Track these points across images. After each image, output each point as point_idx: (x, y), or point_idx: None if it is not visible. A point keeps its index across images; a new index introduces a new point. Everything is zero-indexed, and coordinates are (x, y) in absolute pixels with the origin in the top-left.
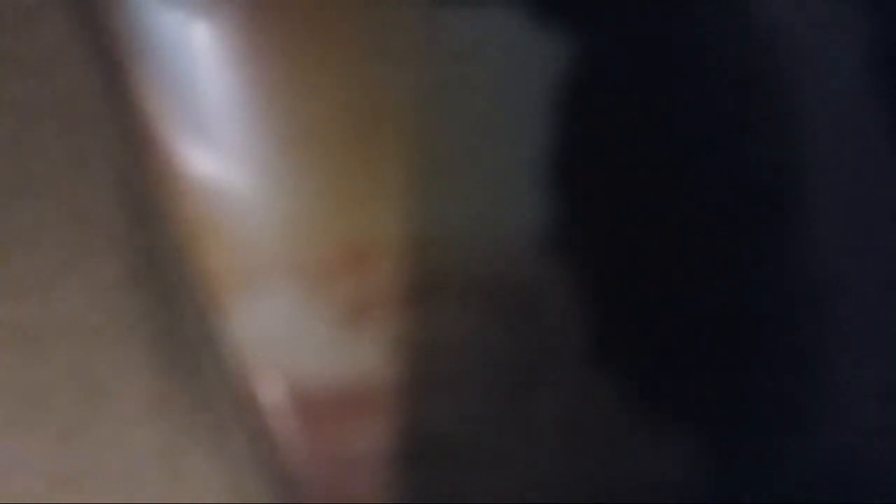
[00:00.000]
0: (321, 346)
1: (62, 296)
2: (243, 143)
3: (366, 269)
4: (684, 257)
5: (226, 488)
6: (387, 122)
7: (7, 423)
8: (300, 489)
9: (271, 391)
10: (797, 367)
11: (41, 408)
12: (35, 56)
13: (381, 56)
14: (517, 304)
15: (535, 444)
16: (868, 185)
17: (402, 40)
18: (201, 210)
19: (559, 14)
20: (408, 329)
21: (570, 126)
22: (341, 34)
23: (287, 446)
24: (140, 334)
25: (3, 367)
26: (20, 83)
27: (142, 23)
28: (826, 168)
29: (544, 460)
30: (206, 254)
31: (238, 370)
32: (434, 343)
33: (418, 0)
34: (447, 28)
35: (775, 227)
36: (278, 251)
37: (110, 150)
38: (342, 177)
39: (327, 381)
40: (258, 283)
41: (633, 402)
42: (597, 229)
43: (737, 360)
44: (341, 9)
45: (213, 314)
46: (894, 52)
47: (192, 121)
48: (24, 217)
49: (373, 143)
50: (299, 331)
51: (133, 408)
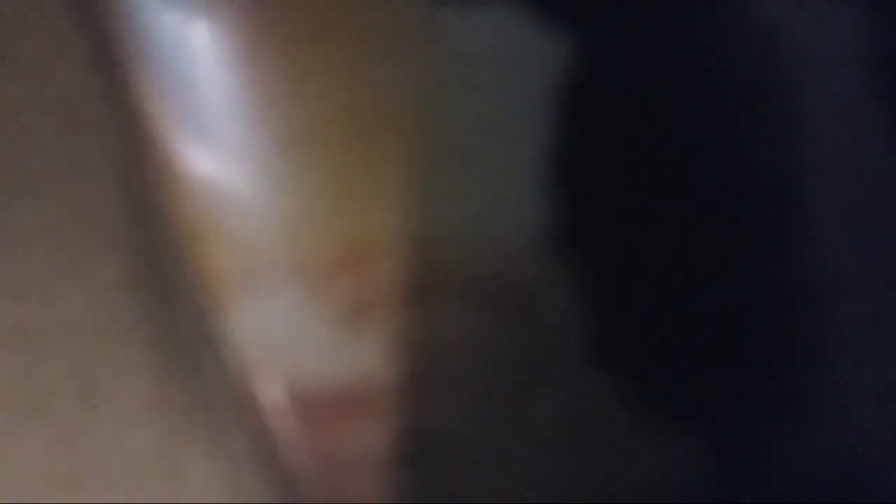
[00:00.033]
0: (321, 346)
1: (62, 296)
2: (243, 143)
3: (366, 269)
4: (684, 257)
5: (226, 488)
6: (387, 122)
7: (7, 423)
8: (300, 489)
9: (271, 391)
10: (797, 367)
11: (41, 408)
12: (35, 56)
13: (381, 56)
14: (517, 304)
15: (535, 444)
16: (868, 185)
17: (402, 40)
18: (201, 210)
19: (559, 14)
20: (408, 329)
21: (570, 126)
22: (341, 34)
23: (287, 446)
24: (140, 334)
25: (3, 366)
26: (20, 83)
27: (142, 23)
28: (826, 168)
29: (544, 460)
30: (206, 254)
31: (238, 370)
32: (434, 343)
33: (418, 0)
34: (447, 28)
35: (775, 227)
36: (278, 251)
37: (110, 150)
38: (342, 177)
39: (327, 381)
40: (258, 283)
41: (633, 402)
42: (597, 229)
43: (737, 361)
44: (341, 9)
45: (213, 314)
46: (894, 52)
47: (192, 121)
48: (24, 217)
49: (373, 143)
50: (299, 331)
51: (133, 408)
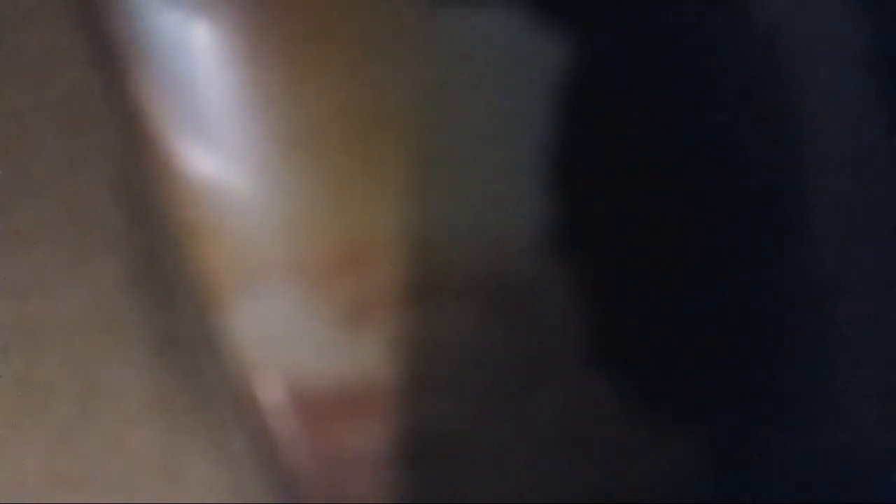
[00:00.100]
0: (321, 346)
1: (62, 295)
2: (243, 143)
3: (366, 269)
4: (684, 257)
5: (226, 488)
6: (387, 122)
7: (7, 423)
8: (300, 489)
9: (271, 391)
10: (797, 367)
11: (41, 408)
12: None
13: (381, 56)
14: (517, 304)
15: (535, 444)
16: (868, 185)
17: (402, 40)
18: (201, 210)
19: (559, 14)
20: (408, 329)
21: (569, 126)
22: (341, 34)
23: (287, 446)
24: (140, 334)
25: (3, 366)
26: (20, 83)
27: (142, 23)
28: (826, 168)
29: (544, 460)
30: (206, 254)
31: (238, 370)
32: (434, 343)
33: (418, 0)
34: (447, 28)
35: (775, 227)
36: (278, 251)
37: (110, 150)
38: (342, 177)
39: (327, 381)
40: (258, 283)
41: (633, 402)
42: (596, 229)
43: (737, 361)
44: (341, 9)
45: (213, 314)
46: (894, 52)
47: (192, 121)
48: (24, 217)
49: (373, 143)
50: (299, 331)
51: (133, 408)
